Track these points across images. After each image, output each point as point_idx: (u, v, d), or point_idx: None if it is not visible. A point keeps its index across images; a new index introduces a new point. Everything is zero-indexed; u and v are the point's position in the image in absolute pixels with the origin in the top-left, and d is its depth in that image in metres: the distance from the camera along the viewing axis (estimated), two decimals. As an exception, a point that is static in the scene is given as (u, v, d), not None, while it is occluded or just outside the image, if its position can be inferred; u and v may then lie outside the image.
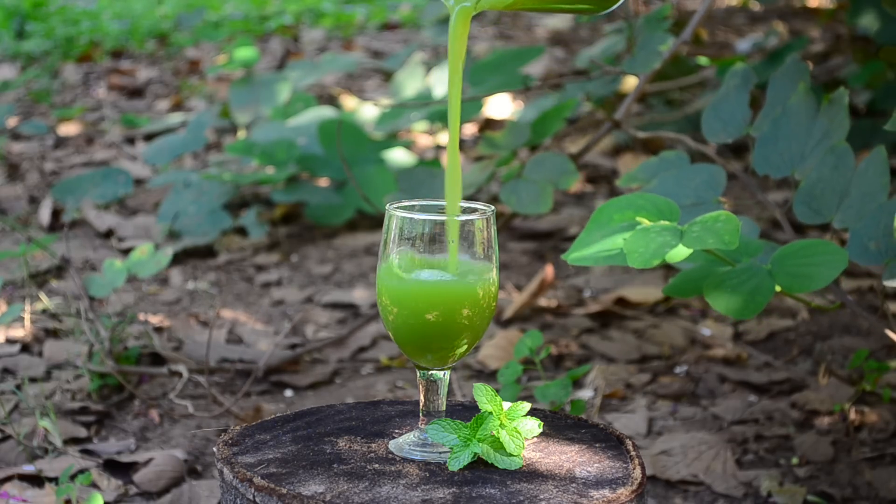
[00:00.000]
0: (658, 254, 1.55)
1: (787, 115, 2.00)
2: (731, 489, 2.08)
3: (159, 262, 2.39)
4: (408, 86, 3.88)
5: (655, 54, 2.50)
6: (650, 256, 1.55)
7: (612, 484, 1.34)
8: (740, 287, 1.70)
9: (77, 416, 2.30)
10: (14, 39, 6.01)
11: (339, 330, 2.80)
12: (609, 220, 1.68)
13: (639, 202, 1.69)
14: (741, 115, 2.08)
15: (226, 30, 6.25)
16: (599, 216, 1.69)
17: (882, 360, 2.41)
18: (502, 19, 6.42)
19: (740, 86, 2.11)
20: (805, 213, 1.91)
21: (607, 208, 1.70)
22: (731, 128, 2.08)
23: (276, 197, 3.43)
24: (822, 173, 1.91)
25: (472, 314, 1.39)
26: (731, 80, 2.12)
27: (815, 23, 5.09)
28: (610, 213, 1.69)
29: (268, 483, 1.32)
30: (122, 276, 2.39)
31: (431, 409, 1.43)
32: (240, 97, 3.96)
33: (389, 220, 1.40)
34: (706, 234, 1.58)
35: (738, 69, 2.13)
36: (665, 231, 1.60)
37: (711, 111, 2.11)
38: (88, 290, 2.36)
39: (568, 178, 2.56)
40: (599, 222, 1.68)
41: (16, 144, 4.33)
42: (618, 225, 1.66)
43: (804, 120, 1.98)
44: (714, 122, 2.10)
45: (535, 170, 2.60)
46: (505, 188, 2.60)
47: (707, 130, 2.10)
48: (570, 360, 2.59)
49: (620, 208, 1.69)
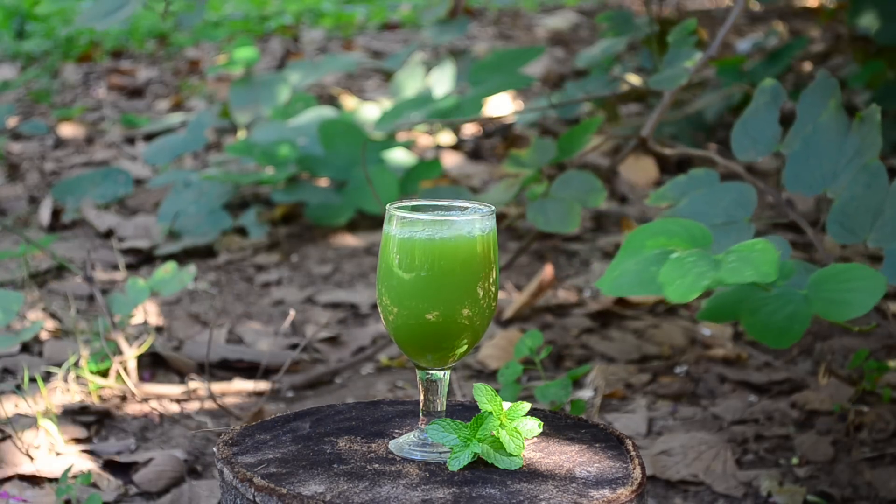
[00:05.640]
0: (695, 287, 1.51)
1: (818, 132, 1.96)
2: (731, 489, 2.08)
3: (182, 281, 2.38)
4: (408, 86, 3.88)
5: (682, 70, 2.42)
6: (686, 290, 1.52)
7: (612, 484, 1.34)
8: (777, 314, 1.68)
9: (77, 416, 2.30)
10: (14, 39, 6.01)
11: (338, 330, 2.80)
12: (641, 246, 1.66)
13: (671, 228, 1.67)
14: (771, 132, 2.05)
15: (226, 30, 6.25)
16: (632, 242, 1.67)
17: (882, 360, 2.41)
18: (502, 19, 6.42)
19: (770, 103, 2.07)
20: (839, 232, 1.88)
21: (639, 234, 1.67)
22: (761, 145, 2.05)
23: (276, 197, 3.43)
24: (855, 192, 1.88)
25: (472, 314, 1.39)
26: (761, 96, 2.08)
27: (815, 23, 5.09)
28: (642, 238, 1.67)
29: (268, 483, 1.32)
30: (146, 295, 2.37)
31: (431, 409, 1.43)
32: (240, 97, 3.96)
33: (390, 219, 1.40)
34: (743, 266, 1.55)
35: (767, 86, 2.09)
36: (700, 261, 1.57)
37: (741, 128, 2.08)
38: (112, 309, 2.35)
39: (596, 196, 2.52)
40: (631, 248, 1.66)
41: (16, 144, 4.33)
42: (651, 253, 1.64)
43: (835, 137, 1.95)
44: (743, 139, 2.07)
45: (562, 188, 2.56)
46: (532, 207, 2.56)
47: (737, 147, 2.07)
48: (570, 360, 2.59)
49: (653, 234, 1.67)
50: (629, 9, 6.20)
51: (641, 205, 3.55)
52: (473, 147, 4.16)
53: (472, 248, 1.38)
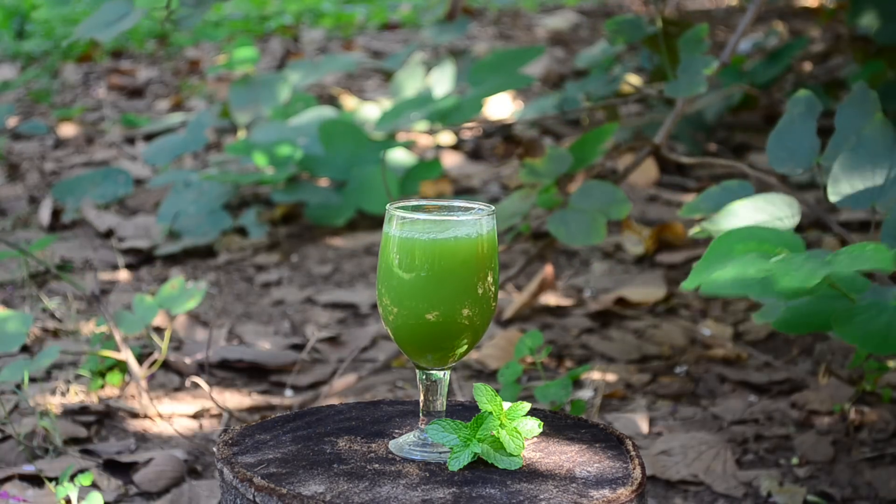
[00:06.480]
0: (813, 276, 1.50)
1: (862, 145, 1.92)
2: (731, 489, 2.08)
3: (192, 298, 2.36)
4: (408, 86, 3.88)
5: (699, 78, 2.35)
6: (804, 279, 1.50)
7: (612, 484, 1.35)
8: (872, 322, 1.68)
9: (77, 416, 2.30)
10: (14, 39, 6.01)
11: (338, 329, 2.80)
12: (730, 250, 1.64)
13: (761, 234, 1.65)
14: (809, 144, 2.00)
15: (226, 30, 6.25)
16: (719, 246, 1.65)
17: (882, 361, 2.41)
18: (502, 19, 6.42)
19: (805, 114, 2.03)
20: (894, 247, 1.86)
21: (727, 238, 1.65)
22: (798, 157, 2.00)
23: (276, 197, 3.43)
24: None
25: (472, 314, 1.39)
26: (795, 108, 2.04)
27: (815, 23, 5.09)
28: (731, 243, 1.65)
29: (268, 483, 1.32)
30: (154, 313, 2.36)
31: (431, 409, 1.43)
32: (240, 97, 3.96)
33: (390, 219, 1.40)
34: (858, 260, 1.54)
35: (801, 97, 2.05)
36: (810, 259, 1.55)
37: (776, 140, 2.04)
38: (119, 325, 2.35)
39: (620, 208, 2.43)
40: (720, 252, 1.64)
41: (16, 144, 4.33)
42: (749, 254, 1.62)
43: (882, 150, 1.91)
44: (780, 152, 2.02)
45: (583, 199, 2.48)
46: (553, 219, 2.48)
47: (773, 160, 2.03)
48: (570, 360, 2.59)
49: (741, 239, 1.64)
50: (629, 9, 6.21)
51: (642, 205, 3.55)
52: (473, 147, 4.16)
53: (472, 248, 1.38)
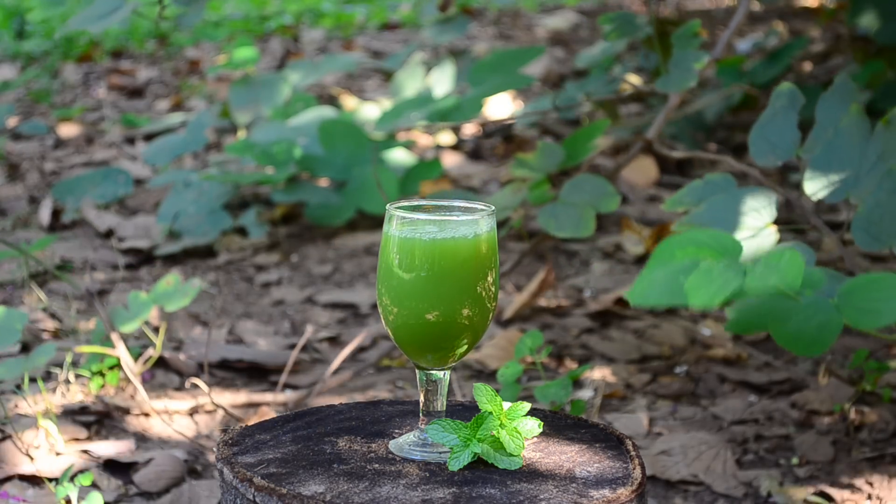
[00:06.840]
0: (718, 296, 1.52)
1: (839, 136, 1.94)
2: (731, 489, 2.08)
3: (187, 295, 2.36)
4: (408, 86, 3.88)
5: (690, 73, 2.38)
6: (710, 298, 1.52)
7: (612, 484, 1.34)
8: (807, 323, 1.67)
9: (77, 416, 2.30)
10: (14, 39, 6.01)
11: (338, 329, 2.80)
12: (671, 256, 1.65)
13: (701, 238, 1.66)
14: (790, 136, 2.02)
15: (226, 30, 6.25)
16: (661, 252, 1.66)
17: (882, 360, 2.41)
18: (502, 19, 6.42)
19: (787, 107, 2.04)
20: (864, 239, 1.85)
21: (669, 244, 1.66)
22: (780, 150, 2.02)
23: (276, 197, 3.43)
24: (879, 198, 1.85)
25: (472, 314, 1.39)
26: (778, 100, 2.05)
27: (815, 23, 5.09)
28: (672, 249, 1.66)
29: (268, 483, 1.32)
30: (149, 309, 2.36)
31: (431, 409, 1.43)
32: (240, 97, 3.96)
33: (390, 219, 1.40)
34: (769, 274, 1.54)
35: (783, 90, 2.06)
36: (728, 270, 1.56)
37: (758, 132, 2.05)
38: (114, 323, 2.34)
39: (609, 201, 2.46)
40: (661, 259, 1.65)
41: (16, 144, 4.33)
42: (680, 263, 1.63)
43: (858, 142, 1.92)
44: (762, 144, 2.04)
45: (573, 193, 2.50)
46: (543, 212, 2.50)
47: (755, 152, 2.04)
48: (570, 360, 2.59)
49: (682, 244, 1.66)
50: (629, 8, 6.21)
51: (642, 205, 3.55)
52: (473, 147, 4.16)
53: (472, 248, 1.38)
